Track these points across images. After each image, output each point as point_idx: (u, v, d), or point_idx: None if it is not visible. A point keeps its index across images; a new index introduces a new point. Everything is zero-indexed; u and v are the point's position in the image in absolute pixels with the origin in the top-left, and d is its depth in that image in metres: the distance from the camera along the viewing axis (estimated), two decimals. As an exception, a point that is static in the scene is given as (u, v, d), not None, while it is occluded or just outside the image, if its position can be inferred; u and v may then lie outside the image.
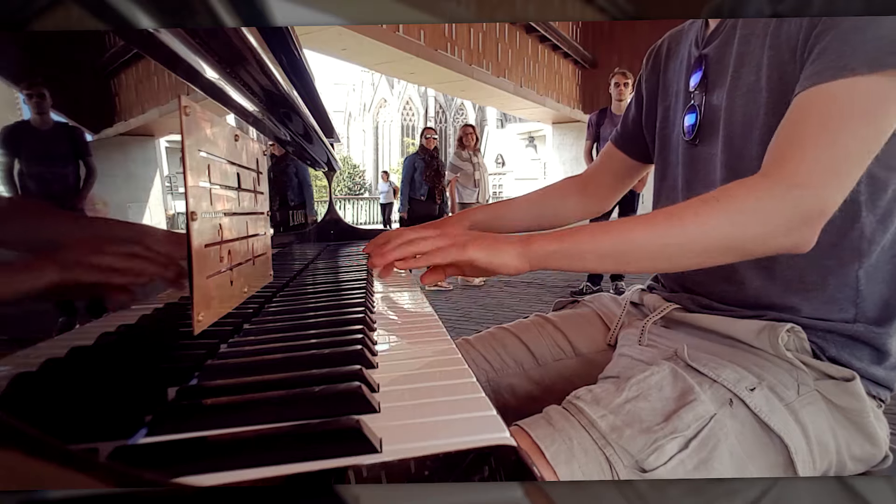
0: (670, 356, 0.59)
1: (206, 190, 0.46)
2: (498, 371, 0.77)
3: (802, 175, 0.50)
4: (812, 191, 0.50)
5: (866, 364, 0.59)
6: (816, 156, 0.50)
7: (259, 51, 0.59)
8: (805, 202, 0.51)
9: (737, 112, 0.63)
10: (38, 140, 0.34)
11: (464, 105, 46.68)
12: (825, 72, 0.51)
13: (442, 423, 0.31)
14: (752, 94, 0.62)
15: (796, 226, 0.51)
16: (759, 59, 0.61)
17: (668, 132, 0.75)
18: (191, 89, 0.56)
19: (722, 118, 0.65)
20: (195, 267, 0.42)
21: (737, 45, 0.64)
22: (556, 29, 8.67)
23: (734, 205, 0.52)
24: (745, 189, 0.53)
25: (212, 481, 0.25)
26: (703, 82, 0.68)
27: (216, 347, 0.47)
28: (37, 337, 0.32)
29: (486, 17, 0.41)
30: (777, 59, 0.59)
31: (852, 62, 0.50)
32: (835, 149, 0.50)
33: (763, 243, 0.52)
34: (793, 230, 0.51)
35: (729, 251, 0.53)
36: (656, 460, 0.47)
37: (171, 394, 0.36)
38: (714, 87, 0.67)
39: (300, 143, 1.14)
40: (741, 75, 0.63)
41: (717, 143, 0.66)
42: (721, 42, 0.67)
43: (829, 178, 0.50)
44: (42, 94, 0.34)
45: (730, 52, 0.65)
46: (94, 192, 0.38)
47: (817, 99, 0.52)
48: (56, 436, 0.19)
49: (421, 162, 4.45)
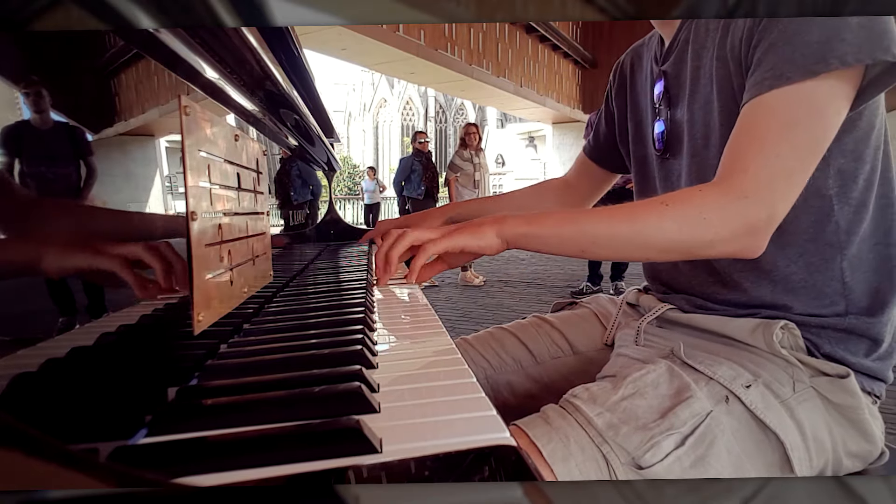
0: (667, 355, 0.60)
1: (206, 190, 0.46)
2: (496, 369, 0.78)
3: (748, 186, 0.53)
4: (757, 201, 0.53)
5: (861, 357, 0.59)
6: (759, 167, 0.53)
7: (259, 51, 0.59)
8: (750, 212, 0.53)
9: (697, 125, 0.65)
10: (38, 140, 0.34)
11: (464, 105, 46.69)
12: (763, 82, 0.54)
13: (442, 423, 0.31)
14: (707, 106, 0.64)
15: (741, 234, 0.54)
16: (710, 72, 0.63)
17: (643, 147, 0.77)
18: (191, 89, 0.56)
19: (685, 132, 0.67)
20: (195, 267, 0.42)
21: (690, 59, 0.66)
22: (556, 29, 8.68)
23: (683, 210, 0.55)
24: (695, 197, 0.56)
25: (212, 481, 0.25)
26: (665, 97, 0.70)
27: (216, 347, 0.47)
28: (37, 337, 0.32)
29: (486, 17, 0.41)
30: (724, 71, 0.60)
31: (787, 71, 0.52)
32: (777, 160, 0.52)
33: (707, 247, 0.55)
34: (738, 238, 0.54)
35: (672, 251, 0.57)
36: (653, 457, 0.47)
37: (172, 394, 0.36)
38: (676, 101, 0.69)
39: (300, 142, 1.14)
40: (697, 89, 0.65)
41: (682, 155, 0.68)
42: (676, 58, 0.68)
43: (772, 187, 0.53)
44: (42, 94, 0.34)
45: (685, 68, 0.67)
46: (94, 191, 0.39)
47: (759, 110, 0.54)
48: (56, 436, 0.20)
49: (418, 164, 4.64)
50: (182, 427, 0.30)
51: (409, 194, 4.74)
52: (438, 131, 48.74)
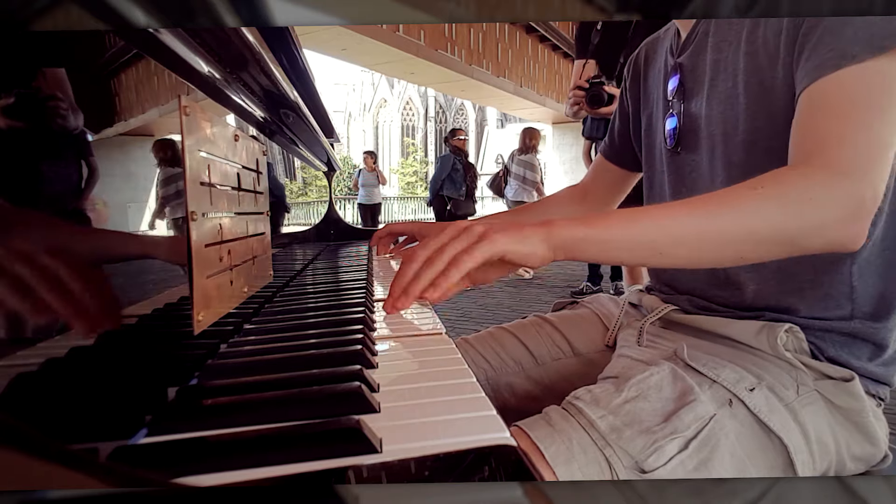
0: (670, 356, 0.59)
1: (206, 190, 0.46)
2: (497, 370, 0.77)
3: (844, 163, 0.47)
4: (861, 177, 0.47)
5: (865, 362, 0.59)
6: (856, 141, 0.48)
7: (259, 51, 0.59)
8: (858, 189, 0.47)
9: (716, 119, 0.64)
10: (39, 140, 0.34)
11: (464, 105, 46.65)
12: (826, 64, 0.50)
13: (442, 423, 0.31)
14: (729, 100, 0.62)
15: (850, 217, 0.47)
16: (734, 66, 0.61)
17: (652, 140, 0.76)
18: (191, 89, 0.56)
19: (702, 126, 0.65)
20: (195, 267, 0.42)
21: (710, 52, 0.65)
22: (556, 29, 8.67)
23: (784, 192, 0.47)
24: (793, 176, 0.49)
25: (212, 481, 0.25)
26: (679, 90, 0.68)
27: (216, 347, 0.47)
28: (37, 337, 0.32)
29: (486, 17, 0.41)
30: (754, 65, 0.59)
31: (852, 49, 0.49)
32: (871, 133, 0.48)
33: (816, 234, 0.48)
34: (846, 222, 0.47)
35: (774, 244, 0.48)
36: (656, 461, 0.47)
37: (172, 394, 0.36)
38: (692, 95, 0.67)
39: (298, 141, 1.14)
40: (717, 83, 0.64)
41: (699, 150, 0.67)
42: (694, 50, 0.67)
43: (871, 163, 0.48)
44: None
45: (704, 60, 0.65)
46: (94, 191, 0.38)
47: (829, 89, 0.50)
48: (56, 436, 0.19)
49: (458, 163, 4.57)
50: (182, 427, 0.30)
51: (450, 194, 4.65)
52: (438, 131, 48.68)
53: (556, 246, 0.49)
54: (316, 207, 1.56)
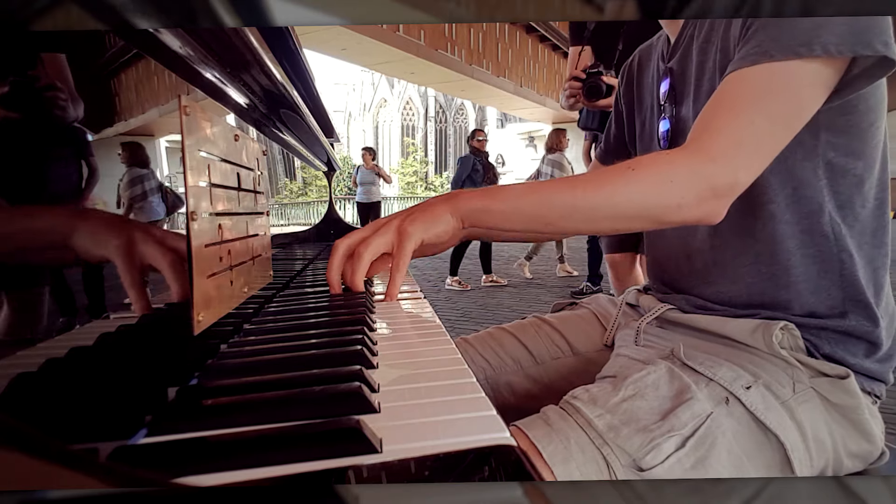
0: (667, 355, 0.59)
1: (206, 190, 0.46)
2: (496, 369, 0.78)
3: (714, 150, 0.53)
4: (724, 164, 0.53)
5: (860, 359, 0.59)
6: (730, 131, 0.53)
7: (259, 51, 0.59)
8: (717, 176, 0.53)
9: None
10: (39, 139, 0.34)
11: (464, 105, 46.68)
12: (747, 57, 0.54)
13: (442, 423, 0.31)
14: None
15: (706, 198, 0.53)
16: (713, 65, 0.63)
17: (647, 144, 0.77)
18: (191, 89, 0.56)
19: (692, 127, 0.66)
20: (195, 267, 0.42)
21: (696, 55, 0.66)
22: (556, 29, 8.68)
23: (650, 173, 0.54)
24: (662, 160, 0.55)
25: (212, 481, 0.25)
26: (671, 94, 0.70)
27: (216, 347, 0.47)
28: (36, 337, 0.32)
29: (486, 17, 0.41)
30: (725, 62, 0.60)
31: (771, 49, 0.52)
32: (749, 126, 0.52)
33: (674, 212, 0.54)
34: (703, 202, 0.53)
35: (639, 219, 0.56)
36: (653, 459, 0.47)
37: (172, 394, 0.36)
38: (682, 97, 0.69)
39: (300, 141, 1.14)
40: (703, 84, 0.65)
41: None
42: (682, 54, 0.69)
43: (738, 152, 0.53)
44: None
45: (690, 64, 0.67)
46: (94, 191, 0.38)
47: (736, 80, 0.55)
48: (56, 436, 0.20)
49: (479, 164, 4.59)
50: (182, 427, 0.30)
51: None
52: (438, 131, 48.72)
53: (463, 216, 0.56)
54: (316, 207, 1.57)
